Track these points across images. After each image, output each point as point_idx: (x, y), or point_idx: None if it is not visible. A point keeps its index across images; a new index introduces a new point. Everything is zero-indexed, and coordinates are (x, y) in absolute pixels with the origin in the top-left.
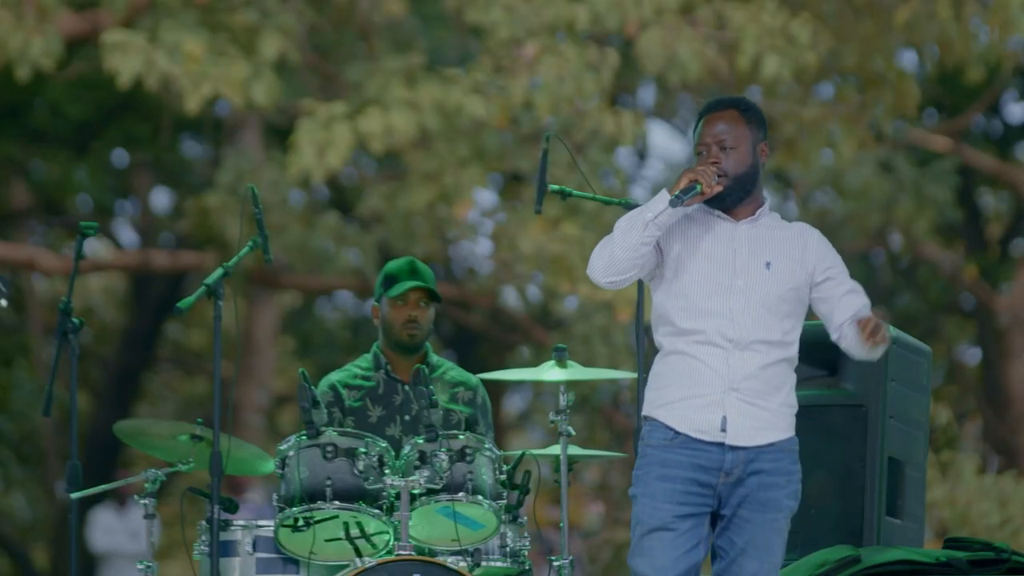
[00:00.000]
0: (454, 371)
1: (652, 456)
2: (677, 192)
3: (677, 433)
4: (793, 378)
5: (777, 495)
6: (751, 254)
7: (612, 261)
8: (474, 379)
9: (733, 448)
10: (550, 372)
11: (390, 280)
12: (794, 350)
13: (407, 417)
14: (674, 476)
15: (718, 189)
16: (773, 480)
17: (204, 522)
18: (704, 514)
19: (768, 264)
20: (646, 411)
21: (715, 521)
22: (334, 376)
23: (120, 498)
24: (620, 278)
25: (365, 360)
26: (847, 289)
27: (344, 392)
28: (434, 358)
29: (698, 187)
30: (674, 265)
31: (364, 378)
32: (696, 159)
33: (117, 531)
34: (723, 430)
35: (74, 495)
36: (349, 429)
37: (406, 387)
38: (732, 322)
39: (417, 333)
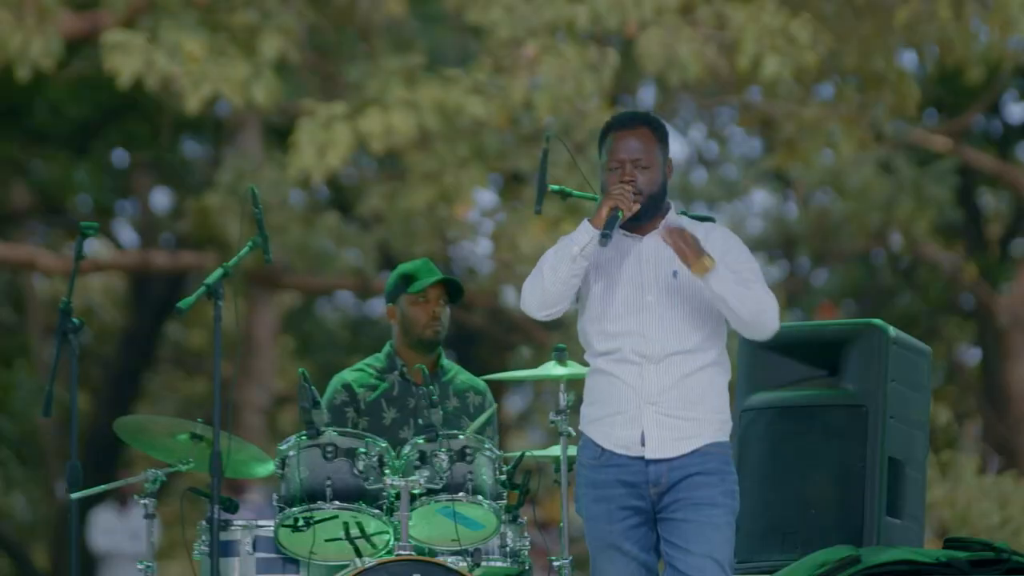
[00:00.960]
0: (463, 375)
1: (584, 476)
2: (605, 229)
3: (603, 450)
4: (721, 384)
5: (711, 492)
6: (657, 266)
7: (545, 296)
8: (482, 384)
9: (654, 461)
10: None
11: (409, 278)
12: (717, 354)
13: (420, 421)
14: (607, 496)
15: (636, 208)
16: (705, 479)
17: (204, 522)
18: (648, 521)
19: (675, 273)
20: (580, 426)
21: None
22: (348, 376)
23: (121, 498)
24: (555, 310)
25: (378, 360)
26: (739, 280)
27: (360, 392)
28: (445, 362)
29: (620, 214)
30: (588, 289)
31: (378, 379)
32: (607, 174)
33: (118, 531)
34: (643, 444)
35: (74, 495)
36: (350, 429)
37: (420, 390)
38: (644, 338)
39: (441, 330)
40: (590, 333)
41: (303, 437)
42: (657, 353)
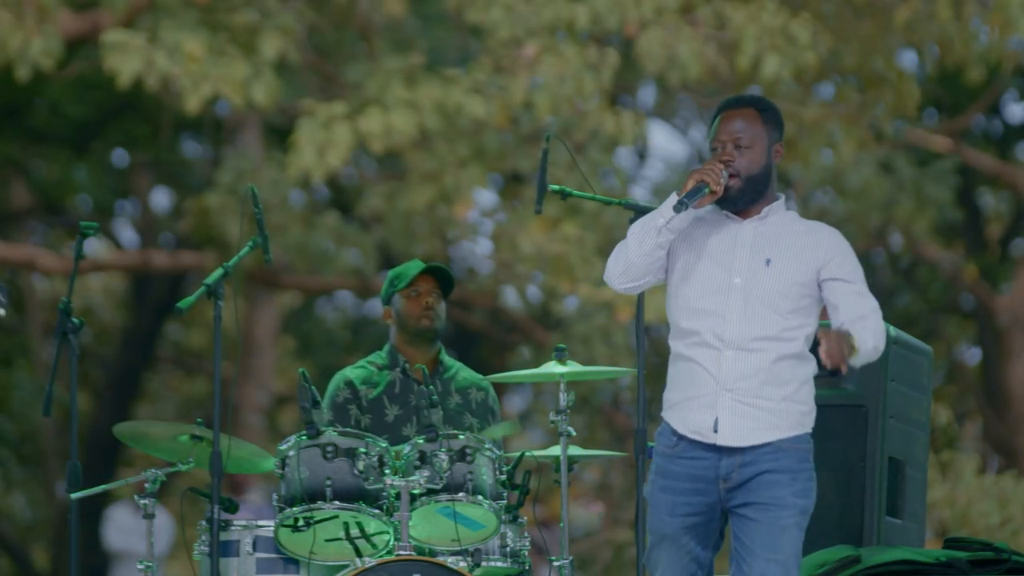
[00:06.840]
0: (465, 372)
1: (657, 465)
2: (682, 197)
3: (679, 438)
4: (804, 374)
5: (782, 493)
6: (752, 252)
7: (628, 267)
8: (485, 381)
9: (726, 450)
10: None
11: (399, 277)
12: (799, 346)
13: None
14: (674, 488)
15: (721, 187)
16: (776, 478)
17: (204, 522)
18: (712, 516)
19: (768, 261)
20: (662, 412)
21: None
22: (350, 372)
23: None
24: (636, 283)
25: (379, 357)
26: (853, 291)
27: (363, 389)
28: (446, 358)
29: (706, 188)
30: (678, 267)
31: (380, 375)
32: (711, 155)
33: (133, 531)
34: (715, 431)
35: (74, 495)
36: (350, 429)
37: (420, 389)
38: (724, 321)
39: (436, 319)
40: (674, 309)
41: (303, 437)
42: (737, 338)
